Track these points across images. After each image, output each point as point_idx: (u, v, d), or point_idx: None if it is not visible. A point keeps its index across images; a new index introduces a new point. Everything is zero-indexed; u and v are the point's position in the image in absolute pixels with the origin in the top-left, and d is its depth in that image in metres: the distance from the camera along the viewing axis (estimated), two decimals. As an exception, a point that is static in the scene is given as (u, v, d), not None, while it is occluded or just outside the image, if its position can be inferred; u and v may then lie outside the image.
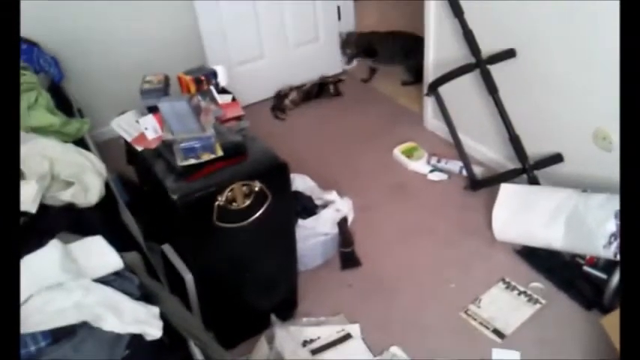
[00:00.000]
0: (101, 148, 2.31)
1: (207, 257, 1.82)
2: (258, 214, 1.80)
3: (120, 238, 1.64)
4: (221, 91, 2.05)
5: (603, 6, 2.03)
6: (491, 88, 2.53)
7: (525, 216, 2.29)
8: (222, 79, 2.06)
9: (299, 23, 3.61)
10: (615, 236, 2.00)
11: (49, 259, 1.33)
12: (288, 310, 2.18)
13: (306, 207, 2.33)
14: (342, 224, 2.37)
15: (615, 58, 1.92)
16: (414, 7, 3.26)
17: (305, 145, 3.19)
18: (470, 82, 2.73)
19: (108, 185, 1.91)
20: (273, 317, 2.10)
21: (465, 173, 2.79)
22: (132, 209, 2.07)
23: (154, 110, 1.89)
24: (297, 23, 3.60)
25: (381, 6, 4.71)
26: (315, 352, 2.02)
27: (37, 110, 1.98)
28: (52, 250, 1.36)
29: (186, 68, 2.04)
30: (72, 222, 1.64)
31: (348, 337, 2.08)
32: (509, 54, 2.46)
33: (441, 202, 2.73)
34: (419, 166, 2.95)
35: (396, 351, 2.03)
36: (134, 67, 2.71)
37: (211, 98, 1.95)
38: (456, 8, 2.58)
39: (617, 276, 2.00)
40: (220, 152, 1.75)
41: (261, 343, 2.05)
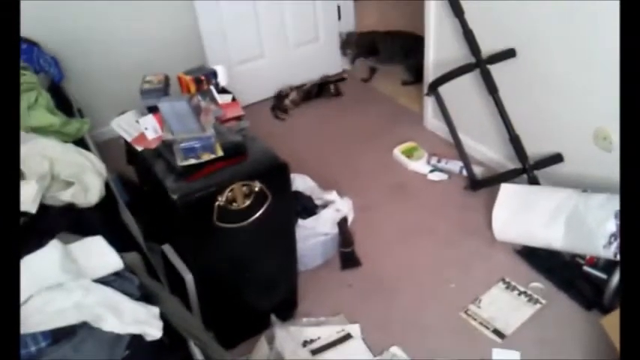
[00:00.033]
0: (101, 148, 2.32)
1: (207, 257, 1.82)
2: (258, 214, 1.80)
3: (120, 239, 1.64)
4: (221, 91, 2.05)
5: (603, 6, 2.03)
6: (492, 88, 2.53)
7: (525, 216, 2.29)
8: (222, 79, 2.06)
9: (299, 23, 3.61)
10: (615, 236, 2.00)
11: (49, 259, 1.33)
12: (288, 310, 2.18)
13: (306, 207, 2.33)
14: (342, 224, 2.37)
15: (615, 58, 1.93)
16: (414, 7, 3.26)
17: (305, 145, 3.19)
18: (470, 81, 2.73)
19: (108, 185, 1.91)
20: (273, 317, 2.10)
21: (465, 173, 2.79)
22: (132, 209, 2.07)
23: (154, 110, 1.89)
24: (297, 23, 3.60)
25: (381, 6, 4.71)
26: (315, 352, 2.02)
27: (37, 110, 1.98)
28: (52, 250, 1.36)
29: (186, 68, 2.04)
30: (72, 222, 1.64)
31: (348, 337, 2.08)
32: (509, 54, 2.47)
33: (441, 202, 2.73)
34: (419, 166, 2.95)
35: (396, 351, 2.03)
36: (134, 67, 2.71)
37: (211, 98, 1.95)
38: (456, 8, 2.58)
39: (617, 276, 2.00)
40: (220, 152, 1.75)
41: (261, 343, 2.05)
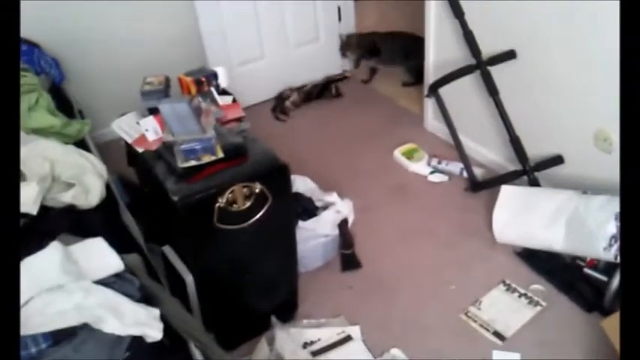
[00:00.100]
0: (102, 150, 2.32)
1: (207, 259, 1.82)
2: (258, 215, 1.80)
3: (120, 240, 1.64)
4: (222, 92, 2.05)
5: (603, 7, 2.03)
6: (492, 90, 2.53)
7: (526, 218, 2.29)
8: (223, 81, 2.05)
9: (299, 23, 3.61)
10: (616, 238, 2.00)
11: (49, 260, 1.33)
12: (288, 311, 2.18)
13: (307, 208, 2.33)
14: (343, 226, 2.37)
15: (615, 59, 1.93)
16: (414, 8, 3.26)
17: (305, 146, 3.20)
18: (470, 83, 2.73)
19: (108, 187, 1.91)
20: (273, 319, 2.10)
21: (466, 175, 2.79)
22: (132, 211, 2.07)
23: (154, 112, 1.89)
24: (297, 23, 3.60)
25: (381, 6, 4.72)
26: (316, 353, 2.02)
27: (38, 112, 1.98)
28: (53, 251, 1.36)
29: (187, 69, 2.04)
30: (72, 223, 1.64)
31: (348, 338, 2.08)
32: (509, 55, 2.47)
33: (442, 203, 2.73)
34: (419, 167, 2.95)
35: (396, 353, 2.02)
36: (135, 69, 2.72)
37: (212, 99, 1.95)
38: (456, 9, 2.59)
39: (618, 278, 2.00)
40: (221, 154, 1.75)
41: (261, 344, 2.05)
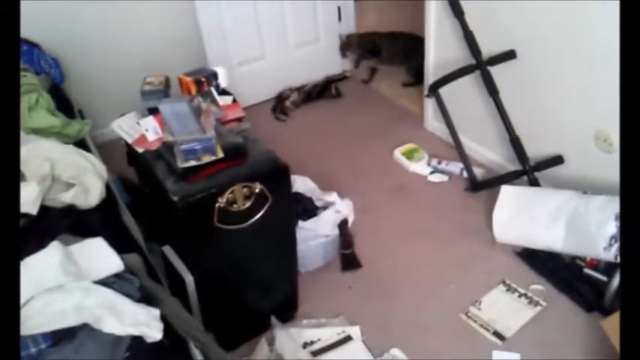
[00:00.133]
0: (102, 150, 2.32)
1: (207, 259, 1.82)
2: (258, 215, 1.80)
3: (120, 240, 1.64)
4: (222, 92, 2.05)
5: (603, 7, 2.03)
6: (492, 90, 2.53)
7: (526, 218, 2.29)
8: (223, 81, 2.06)
9: (299, 24, 3.62)
10: (616, 238, 2.00)
11: (49, 260, 1.33)
12: (288, 311, 2.18)
13: (307, 208, 2.33)
14: (343, 226, 2.37)
15: (615, 60, 1.93)
16: (414, 8, 3.27)
17: (305, 146, 3.20)
18: (470, 83, 2.73)
19: (108, 187, 1.91)
20: (273, 319, 2.10)
21: (466, 175, 2.79)
22: (132, 211, 2.07)
23: (154, 112, 1.89)
24: (297, 24, 3.60)
25: (381, 6, 4.72)
26: (316, 353, 2.02)
27: (38, 112, 1.98)
28: (53, 251, 1.36)
29: (187, 69, 2.04)
30: (72, 224, 1.64)
31: (348, 338, 2.08)
32: (509, 55, 2.47)
33: (442, 203, 2.73)
34: (419, 167, 2.95)
35: (396, 353, 2.02)
36: (135, 69, 2.72)
37: (212, 99, 1.95)
38: (456, 9, 2.59)
39: (618, 278, 2.00)
40: (221, 154, 1.75)
41: (261, 344, 2.05)
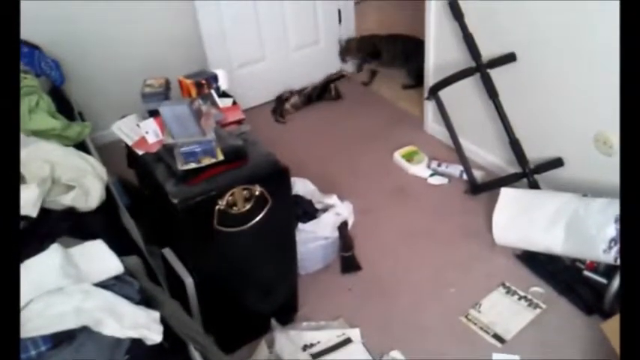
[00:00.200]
0: (102, 152, 2.32)
1: (207, 261, 1.82)
2: (258, 218, 1.80)
3: (120, 242, 1.64)
4: (222, 94, 2.05)
5: (603, 11, 2.04)
6: (492, 92, 2.53)
7: (525, 220, 2.29)
8: (223, 83, 2.06)
9: (300, 26, 3.62)
10: (615, 241, 2.00)
11: (49, 263, 1.33)
12: (288, 314, 2.18)
13: (307, 211, 2.33)
14: (343, 228, 2.37)
15: (615, 62, 1.93)
16: (414, 11, 3.27)
17: (305, 148, 3.20)
18: (470, 86, 2.73)
19: (108, 189, 1.91)
20: (273, 321, 2.10)
21: (466, 177, 2.79)
22: (132, 213, 2.07)
23: (154, 114, 1.89)
24: (298, 26, 3.60)
25: (381, 9, 4.73)
26: (315, 356, 2.02)
27: (38, 114, 1.98)
28: (53, 254, 1.36)
29: (187, 71, 2.05)
30: (72, 226, 1.64)
31: (348, 341, 2.08)
32: (509, 58, 2.47)
33: (442, 206, 2.73)
34: (419, 170, 2.95)
35: (396, 355, 2.02)
36: (135, 71, 2.72)
37: (212, 102, 1.95)
38: (456, 11, 2.59)
39: (618, 281, 2.00)
40: (221, 156, 1.75)
41: (261, 347, 2.05)
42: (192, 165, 1.72)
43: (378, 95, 3.73)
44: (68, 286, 1.29)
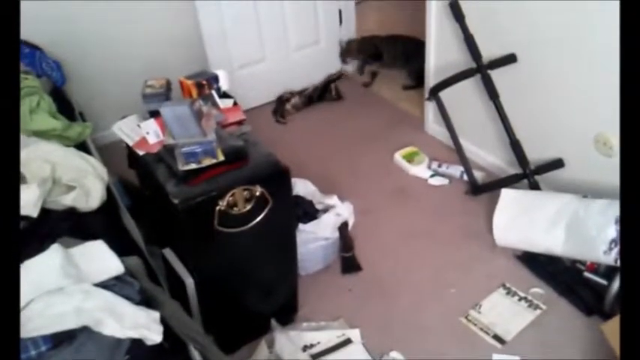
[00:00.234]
0: (103, 152, 2.32)
1: (207, 261, 1.82)
2: (259, 218, 1.80)
3: (121, 243, 1.64)
4: (222, 95, 2.06)
5: (604, 11, 2.04)
6: (492, 93, 2.53)
7: (526, 221, 2.29)
8: (224, 84, 2.06)
9: (300, 26, 3.62)
10: (616, 242, 2.00)
11: (49, 263, 1.34)
12: (288, 314, 2.18)
13: (307, 211, 2.33)
14: (343, 229, 2.37)
15: (615, 63, 1.93)
16: (415, 11, 3.27)
17: (306, 149, 3.20)
18: (471, 86, 2.73)
19: (109, 189, 1.91)
20: (273, 322, 2.10)
21: (466, 178, 2.79)
22: (133, 213, 2.07)
23: (155, 114, 1.89)
24: (298, 26, 3.60)
25: (382, 10, 4.73)
26: (315, 356, 2.02)
27: (39, 114, 1.98)
28: (53, 254, 1.36)
29: (188, 71, 2.05)
30: (73, 226, 1.64)
31: (348, 341, 2.08)
32: (510, 59, 2.47)
33: (442, 206, 2.73)
34: (420, 170, 2.95)
35: (396, 356, 2.02)
36: (136, 71, 2.72)
37: (213, 103, 1.95)
38: (457, 12, 2.59)
39: (618, 282, 2.00)
40: (221, 157, 1.75)
41: (261, 347, 2.05)
42: (193, 165, 1.72)
43: (379, 96, 3.73)
44: (68, 286, 1.29)
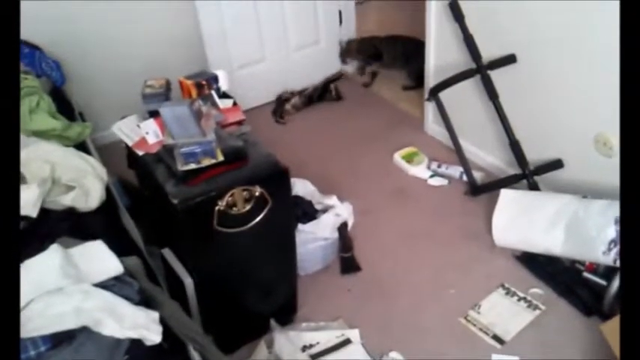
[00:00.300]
0: (102, 152, 2.32)
1: (207, 262, 1.82)
2: (258, 218, 1.80)
3: (120, 243, 1.64)
4: (222, 95, 2.06)
5: (604, 11, 2.04)
6: (492, 94, 2.54)
7: (525, 222, 2.29)
8: (224, 84, 2.06)
9: (300, 26, 3.62)
10: (615, 242, 2.00)
11: (49, 263, 1.34)
12: (287, 314, 2.18)
13: (307, 212, 2.34)
14: (342, 229, 2.37)
15: (615, 64, 1.93)
16: (415, 12, 3.27)
17: (306, 149, 3.20)
18: (470, 87, 2.73)
19: (109, 189, 1.91)
20: (272, 322, 2.10)
21: (465, 178, 2.79)
22: (132, 213, 2.07)
23: (155, 114, 1.89)
24: (298, 26, 3.60)
25: (382, 10, 4.73)
26: (315, 357, 2.02)
27: (39, 114, 1.98)
28: (53, 254, 1.36)
29: (188, 71, 2.05)
30: (72, 226, 1.64)
31: (347, 342, 2.08)
32: (509, 59, 2.47)
33: (441, 207, 2.73)
34: (419, 171, 2.95)
35: (395, 356, 2.02)
36: (135, 71, 2.72)
37: (212, 103, 1.95)
38: (456, 13, 2.59)
39: (617, 282, 2.00)
40: (221, 157, 1.75)
41: (260, 347, 2.05)
42: (192, 166, 1.72)
43: (379, 96, 3.73)
44: (68, 286, 1.30)
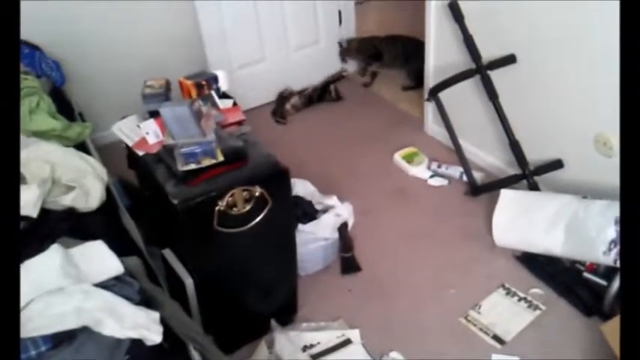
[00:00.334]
0: (102, 152, 2.32)
1: (207, 262, 1.82)
2: (258, 219, 1.80)
3: (120, 243, 1.64)
4: (222, 95, 2.06)
5: (604, 11, 2.04)
6: (492, 94, 2.54)
7: (525, 222, 2.29)
8: (223, 84, 2.07)
9: (300, 26, 3.62)
10: (615, 243, 2.00)
11: (49, 263, 1.34)
12: (288, 315, 2.18)
13: (307, 212, 2.34)
14: (343, 229, 2.37)
15: (615, 64, 1.93)
16: (415, 12, 3.27)
17: (306, 149, 3.20)
18: (470, 87, 2.73)
19: (109, 189, 1.91)
20: (273, 322, 2.10)
21: (466, 179, 2.79)
22: (133, 214, 2.07)
23: (155, 115, 1.89)
24: (298, 26, 3.60)
25: (382, 10, 4.73)
26: (315, 357, 2.02)
27: (39, 114, 1.98)
28: (53, 254, 1.36)
29: (188, 72, 2.05)
30: (73, 226, 1.64)
31: (347, 342, 2.08)
32: (509, 60, 2.47)
33: (442, 207, 2.73)
34: (419, 171, 2.95)
35: (395, 356, 2.02)
36: (135, 71, 2.72)
37: (212, 103, 1.95)
38: (456, 13, 2.59)
39: (617, 282, 2.00)
40: (221, 157, 1.75)
41: (261, 347, 2.05)
42: (193, 166, 1.72)
43: (379, 96, 3.73)
44: (68, 286, 1.30)
